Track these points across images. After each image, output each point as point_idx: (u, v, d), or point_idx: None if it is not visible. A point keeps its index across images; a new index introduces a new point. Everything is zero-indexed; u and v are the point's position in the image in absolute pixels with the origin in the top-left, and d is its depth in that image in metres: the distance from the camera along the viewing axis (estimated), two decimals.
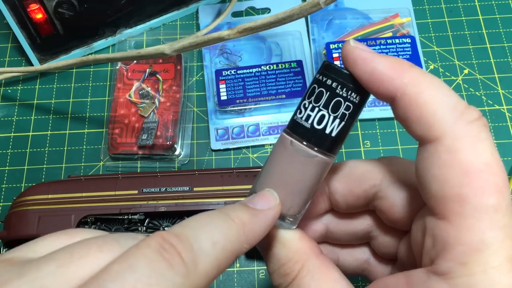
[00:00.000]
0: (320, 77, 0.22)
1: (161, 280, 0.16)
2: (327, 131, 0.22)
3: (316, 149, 0.22)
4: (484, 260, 0.18)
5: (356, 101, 0.21)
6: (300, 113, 0.22)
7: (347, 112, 0.21)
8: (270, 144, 0.48)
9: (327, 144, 0.22)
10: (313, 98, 0.22)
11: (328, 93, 0.21)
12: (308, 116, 0.22)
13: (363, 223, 0.26)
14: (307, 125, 0.22)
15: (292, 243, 0.23)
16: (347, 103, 0.21)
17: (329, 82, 0.21)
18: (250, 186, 0.41)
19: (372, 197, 0.24)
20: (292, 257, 0.23)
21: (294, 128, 0.22)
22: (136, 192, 0.41)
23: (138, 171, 0.48)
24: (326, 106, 0.21)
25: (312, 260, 0.23)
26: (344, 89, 0.21)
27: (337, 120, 0.21)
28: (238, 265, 0.43)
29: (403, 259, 0.24)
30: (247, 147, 0.48)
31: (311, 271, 0.22)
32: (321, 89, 0.22)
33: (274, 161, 0.23)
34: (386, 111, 0.49)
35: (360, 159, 0.25)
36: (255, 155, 0.48)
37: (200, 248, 0.18)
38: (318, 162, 0.22)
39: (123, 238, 0.18)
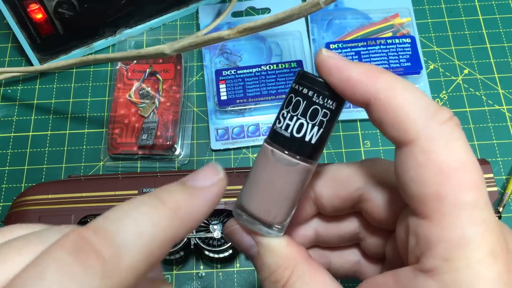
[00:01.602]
0: (296, 87, 0.22)
1: (75, 285, 0.14)
2: (307, 138, 0.22)
3: (297, 157, 0.22)
4: (467, 255, 0.18)
5: (333, 108, 0.22)
6: (279, 122, 0.23)
7: (324, 119, 0.22)
8: None
9: (307, 151, 0.22)
10: (290, 107, 0.22)
11: (305, 101, 0.22)
12: (287, 125, 0.22)
13: (351, 225, 0.26)
14: (287, 134, 0.22)
15: (281, 250, 0.23)
16: (324, 110, 0.22)
17: (305, 91, 0.22)
18: None
19: (357, 199, 0.24)
20: (282, 263, 0.23)
21: (275, 137, 0.23)
22: (136, 192, 0.41)
23: (138, 171, 0.48)
24: (304, 115, 0.22)
25: (302, 265, 0.23)
26: (320, 97, 0.22)
27: (316, 127, 0.22)
28: (238, 265, 0.43)
29: (390, 258, 0.25)
30: (247, 147, 0.48)
31: (301, 276, 0.23)
32: (298, 98, 0.22)
33: (257, 171, 0.23)
34: None
35: (343, 162, 0.26)
36: (255, 155, 0.48)
37: (122, 241, 0.16)
38: (300, 169, 0.22)
39: (48, 234, 0.16)
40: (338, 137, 0.49)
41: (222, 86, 0.49)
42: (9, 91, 0.52)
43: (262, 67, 0.49)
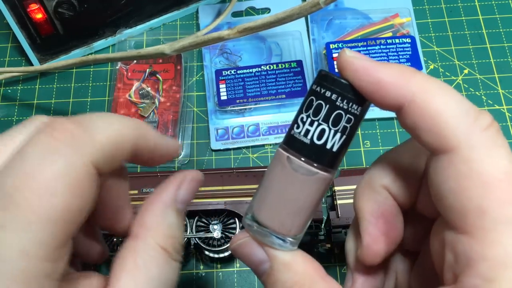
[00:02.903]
0: (318, 88, 0.21)
1: (54, 155, 0.17)
2: (328, 146, 0.20)
3: (316, 165, 0.21)
4: (511, 276, 0.17)
5: (357, 113, 0.20)
6: (298, 127, 0.21)
7: (348, 125, 0.20)
8: (270, 144, 0.48)
9: (328, 160, 0.21)
10: (311, 111, 0.20)
11: (327, 105, 0.20)
12: (307, 131, 0.20)
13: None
14: (307, 140, 0.21)
15: (297, 266, 0.22)
16: (348, 115, 0.20)
17: (328, 93, 0.20)
18: (250, 186, 0.41)
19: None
20: (298, 280, 0.21)
21: (292, 143, 0.21)
22: (136, 192, 0.41)
23: (138, 171, 0.48)
24: (326, 120, 0.20)
25: (319, 282, 0.21)
26: (345, 100, 0.20)
27: (338, 134, 0.20)
28: (238, 265, 0.43)
29: (423, 256, 0.24)
30: (247, 147, 0.48)
31: None
32: (319, 101, 0.20)
33: (271, 179, 0.22)
34: (386, 111, 0.49)
35: (374, 170, 0.24)
36: (255, 155, 0.48)
37: (92, 128, 0.18)
38: (319, 179, 0.21)
39: (16, 130, 0.19)
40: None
41: (222, 86, 0.49)
42: (9, 91, 0.52)
43: (262, 67, 0.49)
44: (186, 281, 0.43)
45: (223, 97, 0.48)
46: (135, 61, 0.51)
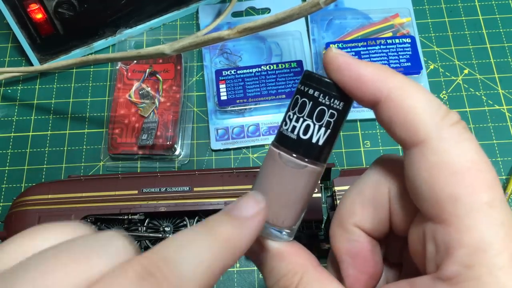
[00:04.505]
0: (302, 87, 0.22)
1: None
2: (314, 140, 0.22)
3: (305, 159, 0.22)
4: (488, 262, 0.17)
5: (340, 108, 0.22)
6: (286, 124, 0.22)
7: (331, 120, 0.22)
8: None
9: (315, 153, 0.22)
10: (297, 109, 0.22)
11: (311, 102, 0.22)
12: (294, 127, 0.22)
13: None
14: (293, 136, 0.22)
15: (291, 255, 0.23)
16: (331, 111, 0.21)
17: (311, 91, 0.22)
18: (250, 186, 0.41)
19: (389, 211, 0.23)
20: (291, 268, 0.22)
21: (281, 140, 0.22)
22: (136, 192, 0.41)
23: (138, 171, 0.48)
24: (310, 116, 0.22)
25: (311, 271, 0.22)
26: (327, 97, 0.21)
27: (323, 129, 0.22)
28: (238, 265, 0.43)
29: (406, 264, 0.24)
30: (247, 147, 0.48)
31: (310, 283, 0.22)
32: (304, 99, 0.22)
33: (265, 174, 0.23)
34: None
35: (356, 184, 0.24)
36: (255, 155, 0.48)
37: (185, 270, 0.17)
38: (308, 172, 0.22)
39: (111, 248, 0.16)
40: (338, 137, 0.49)
41: (222, 86, 0.49)
42: (9, 91, 0.52)
43: (262, 67, 0.49)
44: None
45: (223, 97, 0.48)
46: (135, 61, 0.51)
